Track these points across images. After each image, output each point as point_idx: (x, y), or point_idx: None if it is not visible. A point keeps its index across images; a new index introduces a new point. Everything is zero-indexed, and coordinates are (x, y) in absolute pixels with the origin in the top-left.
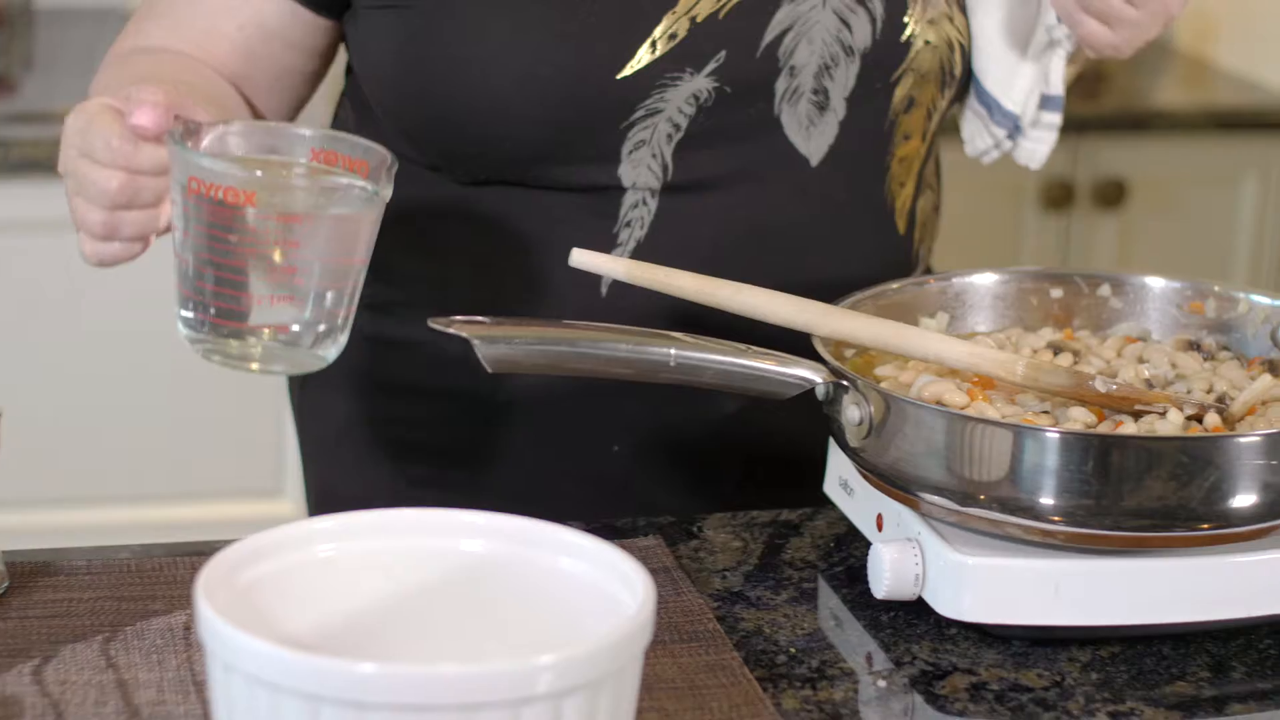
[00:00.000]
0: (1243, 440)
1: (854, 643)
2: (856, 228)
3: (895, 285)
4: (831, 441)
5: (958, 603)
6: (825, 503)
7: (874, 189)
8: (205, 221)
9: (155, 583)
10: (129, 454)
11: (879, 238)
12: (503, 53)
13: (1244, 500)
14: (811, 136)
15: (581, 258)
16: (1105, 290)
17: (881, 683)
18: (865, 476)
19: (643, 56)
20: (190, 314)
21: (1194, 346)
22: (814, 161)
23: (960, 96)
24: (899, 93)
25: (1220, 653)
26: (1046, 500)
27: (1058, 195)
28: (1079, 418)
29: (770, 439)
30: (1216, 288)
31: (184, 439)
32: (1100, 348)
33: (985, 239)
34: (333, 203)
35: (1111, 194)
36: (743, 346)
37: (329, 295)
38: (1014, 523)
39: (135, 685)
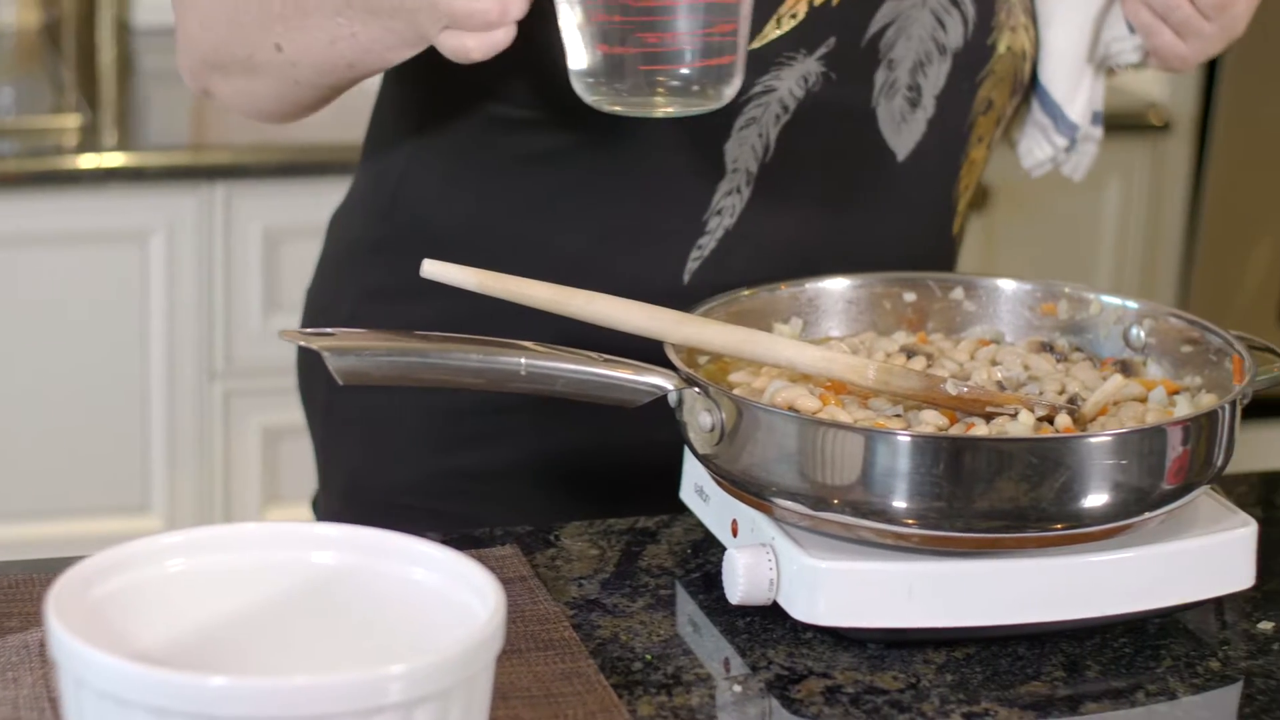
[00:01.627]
0: (1093, 440)
1: (710, 648)
2: (926, 226)
3: (748, 291)
4: (686, 448)
5: (812, 607)
6: (683, 509)
7: (946, 190)
8: None
9: (11, 600)
10: None
11: (940, 238)
12: None
13: (1096, 500)
14: (901, 132)
15: (432, 269)
16: (958, 293)
17: (737, 688)
18: (719, 483)
19: (769, 31)
20: (588, 64)
21: (1047, 348)
22: (900, 157)
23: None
24: (980, 94)
25: (1075, 652)
26: (899, 503)
27: None
28: (931, 420)
29: None
30: (1068, 289)
31: (48, 455)
32: (954, 351)
33: None
34: None
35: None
36: (595, 355)
37: (731, 31)
38: (867, 526)
39: None
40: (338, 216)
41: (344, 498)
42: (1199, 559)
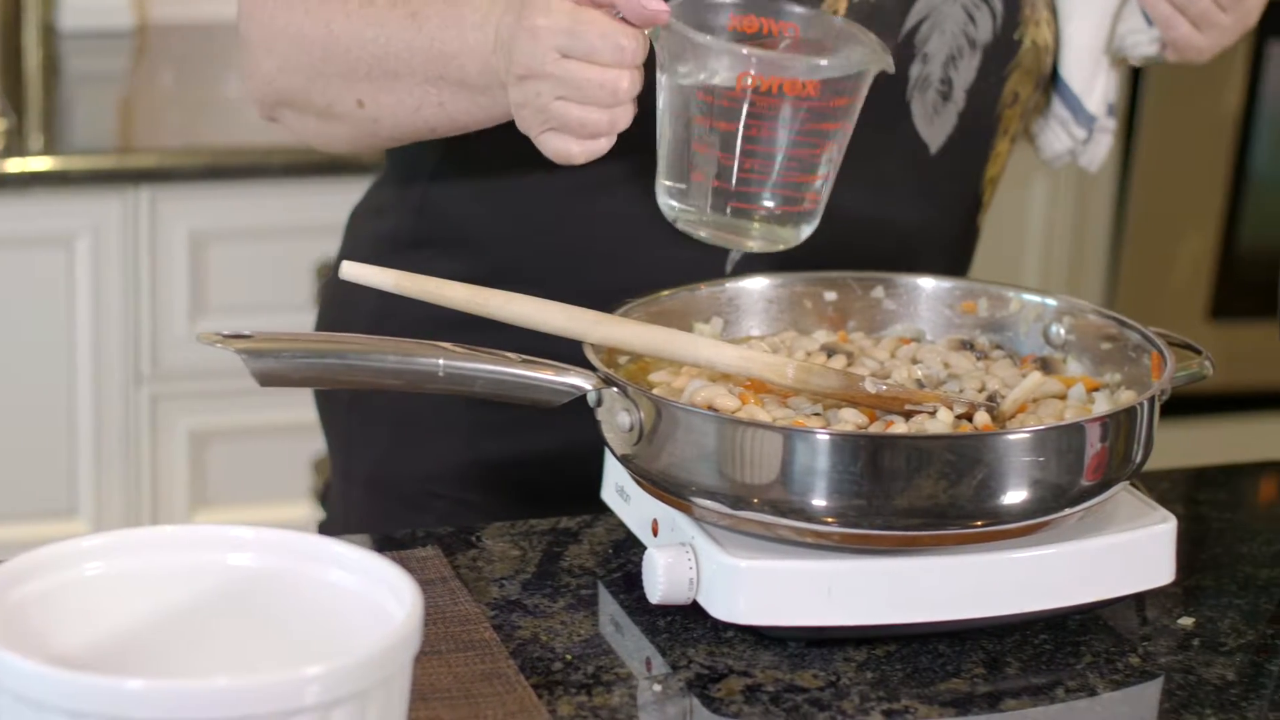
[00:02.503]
0: (1011, 437)
1: (631, 648)
2: (957, 217)
3: (667, 292)
4: (607, 449)
5: (732, 606)
6: (605, 510)
7: (975, 182)
8: (744, 112)
9: None
10: None
11: (968, 229)
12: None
13: (1015, 497)
14: (934, 124)
15: (351, 270)
16: (879, 292)
17: (657, 687)
18: (639, 483)
19: None
20: (700, 199)
21: (967, 346)
22: (933, 149)
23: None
24: (1008, 87)
25: (995, 649)
26: (818, 502)
27: None
28: (850, 419)
29: None
30: (988, 287)
31: None
32: (874, 349)
33: None
34: (865, 83)
35: None
36: (514, 356)
37: (831, 170)
38: (786, 525)
39: None
40: (361, 213)
41: (368, 488)
42: (1119, 555)
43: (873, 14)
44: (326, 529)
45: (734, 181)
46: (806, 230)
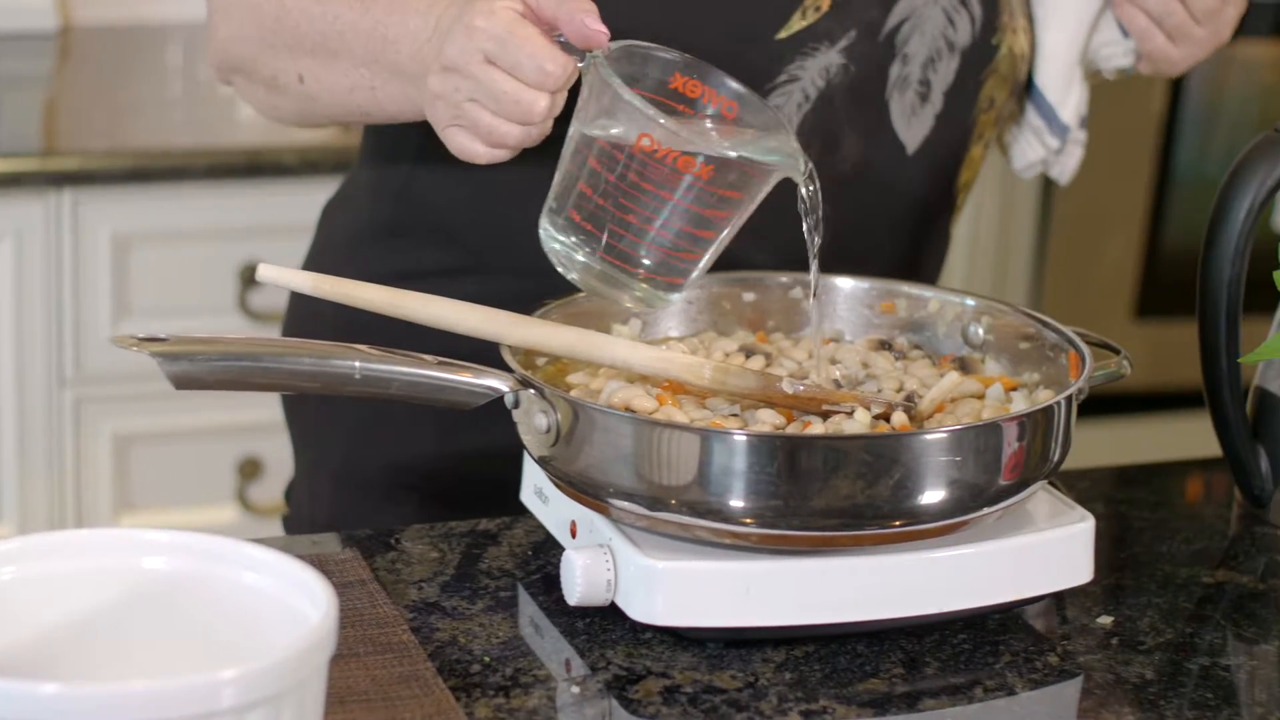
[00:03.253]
0: (928, 437)
1: (550, 650)
2: (930, 219)
3: (581, 295)
4: (525, 450)
5: (649, 607)
6: (525, 511)
7: (949, 185)
8: (634, 171)
9: None
10: None
11: (941, 232)
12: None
13: (932, 497)
14: (911, 125)
15: (267, 272)
16: (798, 293)
17: (576, 689)
18: (557, 484)
19: (795, 22)
20: (571, 237)
21: (885, 346)
22: (910, 150)
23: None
24: (984, 92)
25: (914, 649)
26: (736, 503)
27: None
28: (767, 420)
29: None
30: (906, 287)
31: None
32: (793, 349)
33: None
34: (768, 182)
35: None
36: (430, 358)
37: (713, 244)
38: (704, 526)
39: None
40: (335, 205)
41: (335, 480)
42: (1037, 555)
43: (855, 11)
44: (291, 523)
45: (605, 233)
46: (674, 297)
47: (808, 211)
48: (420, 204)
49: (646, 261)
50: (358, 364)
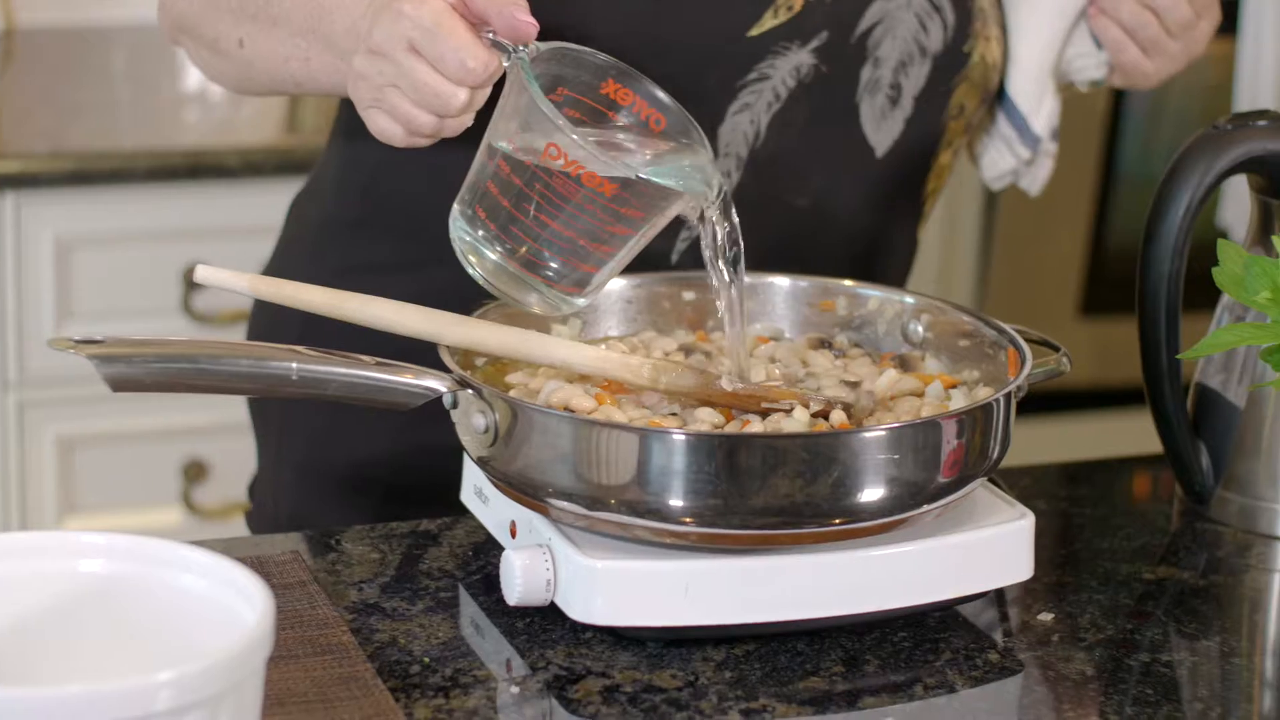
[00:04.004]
0: (867, 435)
1: (490, 650)
2: (898, 223)
3: None
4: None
5: (589, 607)
6: (466, 512)
7: (916, 192)
8: (539, 179)
9: None
10: None
11: (909, 237)
12: None
13: (871, 495)
14: (881, 129)
15: (205, 274)
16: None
17: (515, 689)
18: (497, 485)
19: (767, 20)
20: (479, 231)
21: (825, 344)
22: (879, 153)
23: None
24: (954, 99)
25: (854, 647)
26: (675, 502)
27: None
28: (706, 419)
29: None
30: (846, 285)
31: None
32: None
33: None
34: (671, 206)
35: None
36: (368, 359)
37: (613, 259)
38: (643, 525)
39: None
40: (304, 199)
41: (300, 473)
42: (977, 552)
43: (828, 12)
44: (255, 518)
45: (509, 235)
46: (579, 302)
47: (716, 247)
48: (385, 197)
49: (549, 269)
50: (295, 365)
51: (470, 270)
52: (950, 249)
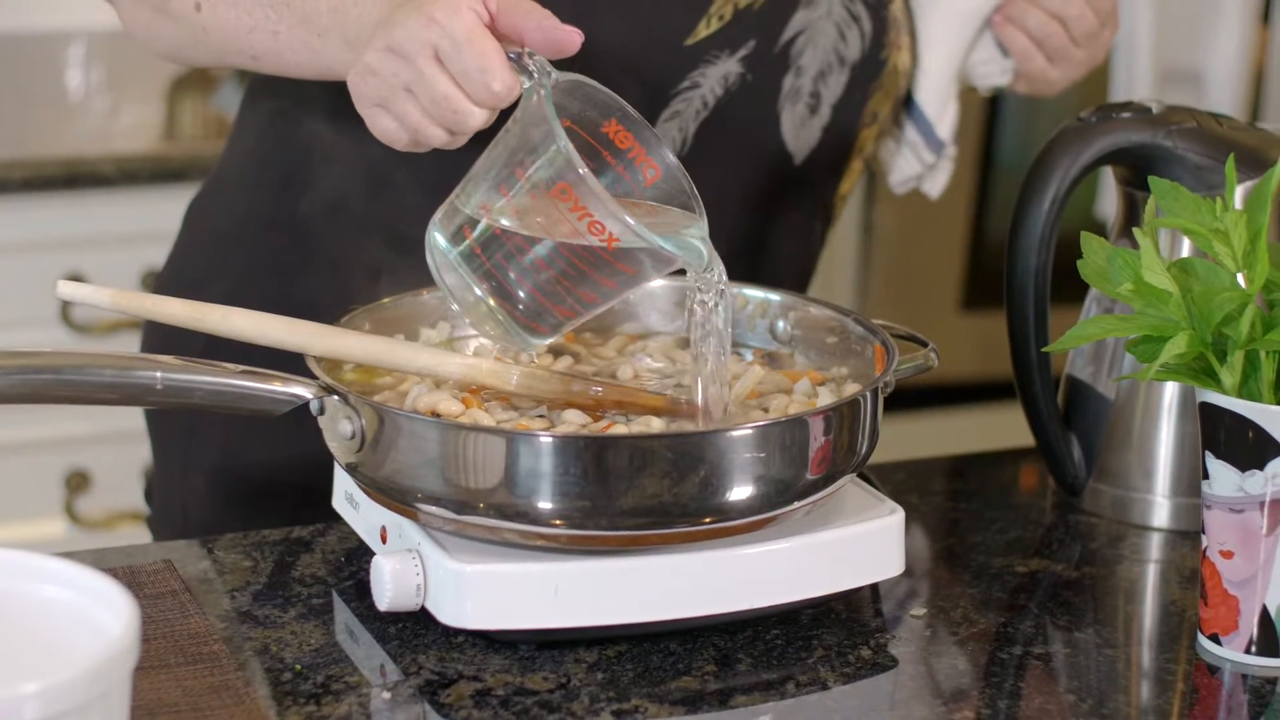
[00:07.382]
0: (733, 433)
1: (363, 656)
2: (811, 228)
3: (389, 299)
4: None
5: (459, 611)
6: (339, 518)
7: (829, 197)
8: (542, 213)
9: None
10: None
11: (818, 241)
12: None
13: (740, 493)
14: (800, 136)
15: (66, 289)
16: None
17: (387, 694)
18: (366, 490)
19: (700, 30)
20: (449, 234)
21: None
22: (797, 160)
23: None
24: (869, 106)
25: (727, 646)
26: (543, 504)
27: None
28: (574, 420)
29: None
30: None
31: None
32: (602, 348)
33: None
34: (666, 270)
35: None
36: (233, 367)
37: (591, 310)
38: (512, 528)
39: None
40: (205, 200)
41: (212, 477)
42: (848, 548)
43: (755, 22)
44: (158, 524)
45: (491, 260)
46: (536, 342)
47: (699, 326)
48: (307, 196)
49: (521, 305)
50: (159, 374)
51: (438, 277)
52: (830, 247)
